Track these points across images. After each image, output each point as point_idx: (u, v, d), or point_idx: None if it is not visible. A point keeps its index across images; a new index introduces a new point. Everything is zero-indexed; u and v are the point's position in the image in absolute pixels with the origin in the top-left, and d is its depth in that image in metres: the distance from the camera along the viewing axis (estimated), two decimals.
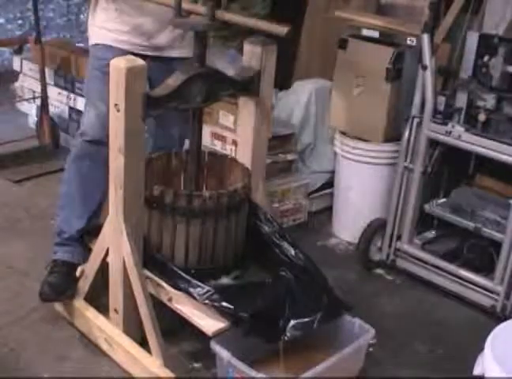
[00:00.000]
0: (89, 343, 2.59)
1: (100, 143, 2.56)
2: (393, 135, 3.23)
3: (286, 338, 2.30)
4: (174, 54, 2.65)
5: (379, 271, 3.23)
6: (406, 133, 2.99)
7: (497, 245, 2.85)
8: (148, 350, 2.38)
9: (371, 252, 3.21)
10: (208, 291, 2.30)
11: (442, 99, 2.88)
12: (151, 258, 2.44)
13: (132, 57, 2.28)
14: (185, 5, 2.26)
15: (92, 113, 2.61)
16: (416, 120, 2.94)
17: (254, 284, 2.45)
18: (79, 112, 4.03)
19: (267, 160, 2.89)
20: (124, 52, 2.53)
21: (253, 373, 2.20)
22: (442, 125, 2.87)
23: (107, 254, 2.46)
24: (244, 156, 2.64)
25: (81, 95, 4.03)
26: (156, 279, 2.42)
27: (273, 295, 2.39)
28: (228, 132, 3.39)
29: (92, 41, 2.66)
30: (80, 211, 2.68)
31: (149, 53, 2.60)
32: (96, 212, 2.69)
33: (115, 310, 2.49)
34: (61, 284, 2.63)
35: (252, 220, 2.59)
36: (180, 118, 2.78)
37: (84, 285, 2.63)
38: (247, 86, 2.49)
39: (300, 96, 3.67)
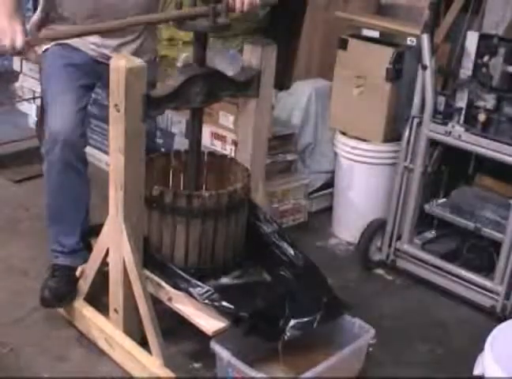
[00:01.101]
0: (89, 343, 2.59)
1: (74, 146, 2.47)
2: (393, 135, 3.23)
3: (286, 338, 2.30)
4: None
5: (379, 271, 3.23)
6: (406, 133, 2.99)
7: (497, 245, 2.85)
8: (148, 350, 2.38)
9: (371, 252, 3.21)
10: (208, 291, 2.30)
11: (442, 99, 2.88)
12: (151, 258, 2.44)
13: (132, 57, 2.28)
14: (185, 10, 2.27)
15: (58, 112, 2.49)
16: (415, 120, 2.94)
17: (253, 284, 2.45)
18: None
19: (267, 160, 2.89)
20: (88, 57, 2.54)
21: (253, 373, 2.21)
22: (442, 125, 2.87)
23: (107, 254, 2.46)
24: (244, 156, 2.64)
25: None
26: (156, 279, 2.42)
27: (273, 295, 2.40)
28: (228, 132, 3.39)
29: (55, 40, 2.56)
30: (72, 225, 2.62)
31: (103, 51, 2.58)
32: (87, 216, 2.66)
33: (115, 310, 2.49)
34: (62, 289, 2.60)
35: (252, 220, 2.59)
36: None
37: (84, 285, 2.63)
38: (247, 86, 2.49)
39: (300, 96, 3.67)
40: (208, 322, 2.30)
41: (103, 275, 2.54)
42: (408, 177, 3.03)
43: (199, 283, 2.33)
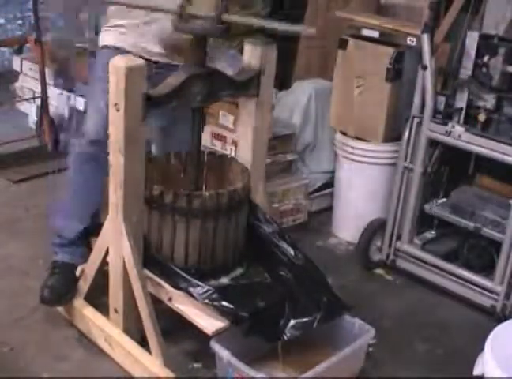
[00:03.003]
0: (89, 343, 2.59)
1: (102, 143, 2.54)
2: (393, 135, 3.23)
3: (286, 338, 2.30)
4: (177, 61, 2.61)
5: (379, 271, 3.23)
6: (406, 133, 2.99)
7: (497, 245, 2.85)
8: (148, 350, 2.38)
9: (371, 252, 3.22)
10: (208, 291, 2.30)
11: (442, 99, 2.88)
12: (151, 258, 2.44)
13: (131, 57, 2.28)
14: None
15: (93, 114, 2.61)
16: (416, 120, 2.95)
17: (253, 284, 2.46)
18: (79, 112, 4.03)
19: (267, 160, 2.89)
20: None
21: (253, 373, 2.21)
22: (442, 125, 2.87)
23: (107, 254, 2.46)
24: (244, 156, 2.64)
25: (81, 95, 4.04)
26: (156, 278, 2.42)
27: (273, 295, 2.40)
28: (228, 132, 3.39)
29: (101, 43, 2.66)
30: (81, 214, 2.67)
31: (155, 59, 2.58)
32: (96, 213, 2.69)
33: (115, 310, 2.49)
34: (61, 287, 2.62)
35: (252, 220, 2.59)
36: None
37: (84, 285, 2.63)
38: (247, 86, 2.49)
39: (300, 96, 3.67)
40: (208, 322, 2.30)
41: (103, 275, 2.54)
42: (408, 177, 3.03)
43: (199, 283, 2.33)
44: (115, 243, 2.39)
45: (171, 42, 2.56)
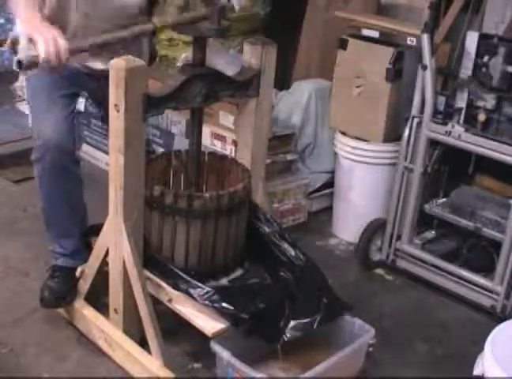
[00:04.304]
0: (89, 343, 2.59)
1: (64, 150, 2.43)
2: (393, 135, 3.23)
3: (286, 339, 2.30)
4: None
5: (379, 271, 3.23)
6: (406, 133, 2.99)
7: (497, 245, 2.85)
8: (148, 350, 2.38)
9: (371, 252, 3.22)
10: (208, 292, 2.30)
11: (442, 99, 2.88)
12: (151, 259, 2.44)
13: (131, 57, 2.27)
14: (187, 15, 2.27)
15: (47, 120, 2.43)
16: (415, 120, 2.94)
17: (254, 285, 2.45)
18: (79, 113, 4.03)
19: (267, 160, 2.89)
20: (71, 68, 2.43)
21: (253, 373, 2.21)
22: (442, 125, 2.87)
23: (107, 254, 2.46)
24: (244, 156, 2.64)
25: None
26: (157, 279, 2.42)
27: (273, 296, 2.39)
28: (228, 132, 3.39)
29: None
30: (71, 226, 2.61)
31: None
32: (83, 220, 2.66)
33: (115, 310, 2.49)
34: (61, 290, 2.61)
35: (252, 220, 2.59)
36: None
37: (84, 285, 2.63)
38: (247, 86, 2.49)
39: (300, 96, 3.67)
40: (208, 323, 2.30)
41: (103, 275, 2.54)
42: (408, 177, 3.03)
43: (199, 284, 2.33)
44: (115, 243, 2.39)
45: None
